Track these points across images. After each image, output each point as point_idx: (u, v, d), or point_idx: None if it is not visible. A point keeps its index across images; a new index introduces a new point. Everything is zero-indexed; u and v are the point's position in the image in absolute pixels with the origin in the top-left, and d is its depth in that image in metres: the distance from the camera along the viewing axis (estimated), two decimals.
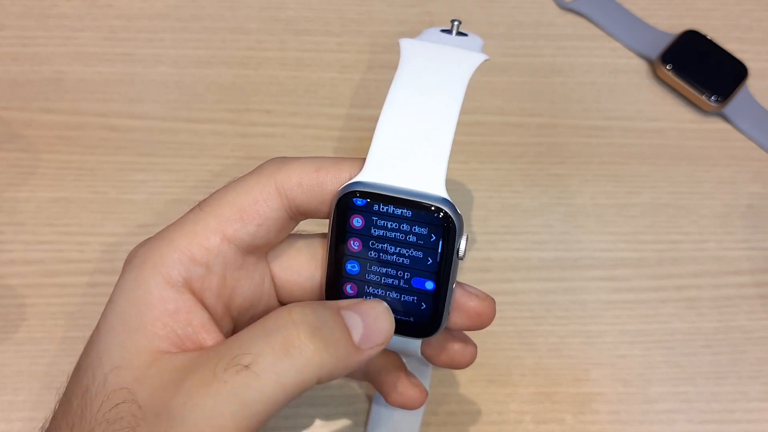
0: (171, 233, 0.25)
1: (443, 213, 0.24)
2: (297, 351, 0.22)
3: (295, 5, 0.47)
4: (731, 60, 0.46)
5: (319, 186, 0.25)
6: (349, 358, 0.23)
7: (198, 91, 0.44)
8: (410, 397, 0.29)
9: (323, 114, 0.43)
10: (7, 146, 0.41)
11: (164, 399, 0.22)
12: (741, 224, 0.42)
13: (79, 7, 0.46)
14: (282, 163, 0.25)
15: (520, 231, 0.41)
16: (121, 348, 0.23)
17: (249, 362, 0.22)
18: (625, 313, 0.39)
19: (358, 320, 0.24)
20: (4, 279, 0.38)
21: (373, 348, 0.24)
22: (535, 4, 0.48)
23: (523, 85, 0.45)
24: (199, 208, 0.25)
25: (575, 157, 0.43)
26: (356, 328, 0.24)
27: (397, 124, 0.25)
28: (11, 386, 0.36)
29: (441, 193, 0.24)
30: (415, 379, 0.29)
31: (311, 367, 0.22)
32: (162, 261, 0.24)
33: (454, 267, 0.24)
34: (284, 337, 0.22)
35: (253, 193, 0.25)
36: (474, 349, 0.28)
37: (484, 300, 0.26)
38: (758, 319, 0.40)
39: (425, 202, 0.24)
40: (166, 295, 0.24)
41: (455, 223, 0.24)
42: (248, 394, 0.21)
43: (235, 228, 0.24)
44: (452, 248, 0.24)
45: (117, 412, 0.22)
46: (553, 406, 0.37)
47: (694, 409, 0.37)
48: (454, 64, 0.26)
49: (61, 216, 0.40)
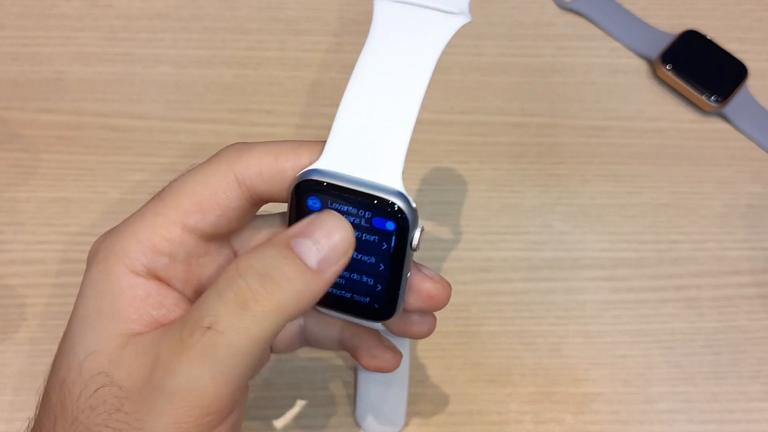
0: (132, 225, 0.25)
1: (396, 207, 0.23)
2: (251, 302, 0.22)
3: (295, 5, 0.47)
4: (731, 60, 0.46)
5: (279, 173, 0.25)
6: (311, 286, 0.23)
7: (198, 91, 0.44)
8: (385, 360, 0.29)
9: (323, 114, 0.43)
10: (7, 146, 0.41)
11: (142, 375, 0.22)
12: (741, 224, 0.42)
13: (79, 7, 0.46)
14: (241, 152, 0.25)
15: (520, 231, 0.41)
16: (95, 335, 0.23)
17: (210, 323, 0.22)
18: (625, 313, 0.39)
19: (309, 244, 0.23)
20: (4, 279, 0.38)
21: (336, 264, 0.23)
22: (535, 4, 0.48)
23: (523, 85, 0.45)
24: (159, 198, 0.25)
25: (575, 157, 0.43)
26: (309, 252, 0.23)
27: (357, 109, 0.24)
28: (11, 386, 0.36)
29: (396, 185, 0.23)
30: (388, 342, 0.30)
31: (272, 312, 0.22)
32: (125, 253, 0.24)
33: (408, 258, 0.24)
34: (235, 292, 0.22)
35: (211, 184, 0.25)
36: (433, 320, 0.28)
37: (438, 282, 0.26)
38: (758, 319, 0.40)
39: (379, 195, 0.23)
40: (134, 282, 0.24)
41: (408, 216, 0.24)
42: (219, 351, 0.22)
43: (195, 219, 0.24)
44: (405, 240, 0.24)
45: (98, 397, 0.22)
46: (553, 406, 0.37)
47: (694, 409, 0.37)
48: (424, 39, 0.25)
49: (61, 216, 0.40)
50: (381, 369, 0.29)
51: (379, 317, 0.26)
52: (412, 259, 0.25)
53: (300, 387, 0.37)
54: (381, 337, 0.30)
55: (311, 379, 0.37)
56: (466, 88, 0.45)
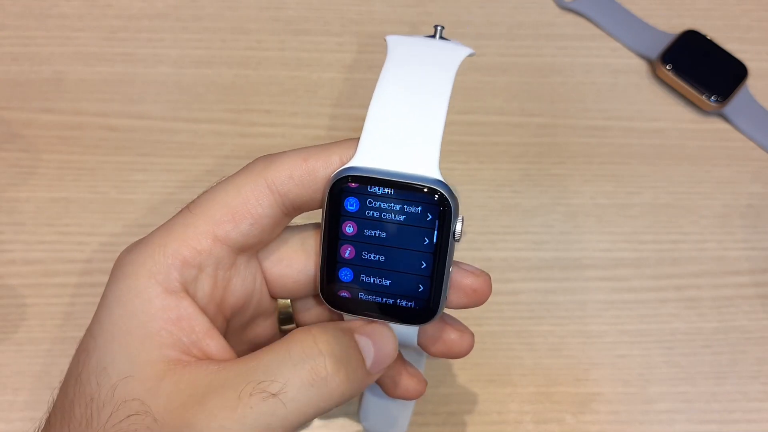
0: (161, 237, 0.24)
1: (439, 194, 0.24)
2: (323, 383, 0.22)
3: (295, 5, 0.47)
4: (731, 60, 0.46)
5: (310, 174, 0.25)
6: (362, 383, 0.24)
7: (198, 91, 0.44)
8: (410, 389, 0.29)
9: (323, 114, 0.43)
10: (7, 146, 0.41)
11: (184, 416, 0.22)
12: (741, 224, 0.42)
13: (79, 7, 0.46)
14: (270, 160, 0.25)
15: (520, 231, 0.41)
16: (129, 358, 0.23)
17: (276, 390, 0.22)
18: (625, 313, 0.39)
19: (370, 345, 0.24)
20: (4, 279, 0.38)
21: (381, 371, 0.25)
22: (535, 4, 0.48)
23: (523, 85, 0.45)
24: (188, 209, 0.25)
25: (575, 157, 0.43)
26: (368, 353, 0.24)
27: (388, 108, 0.25)
28: (11, 386, 0.36)
29: (435, 175, 0.24)
30: (413, 369, 0.29)
31: (335, 397, 0.23)
32: (157, 268, 0.24)
33: (450, 249, 0.24)
34: (311, 367, 0.22)
35: (243, 192, 0.24)
36: (471, 337, 0.28)
37: (479, 276, 0.26)
38: (758, 319, 0.40)
39: (420, 185, 0.24)
40: (166, 303, 0.23)
41: (451, 204, 0.24)
42: (274, 421, 0.22)
43: (226, 229, 0.24)
44: (449, 230, 0.24)
45: (130, 424, 0.22)
46: (553, 406, 0.37)
47: (694, 409, 0.37)
48: (441, 55, 0.26)
49: (61, 216, 0.40)
50: (405, 397, 0.29)
51: (420, 319, 0.25)
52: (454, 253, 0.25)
53: None
54: (404, 363, 0.29)
55: None
56: (466, 88, 0.45)
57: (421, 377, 0.29)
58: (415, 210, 0.24)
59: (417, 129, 0.24)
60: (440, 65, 0.25)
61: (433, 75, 0.25)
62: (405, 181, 0.24)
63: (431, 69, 0.25)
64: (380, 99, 0.25)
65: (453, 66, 0.25)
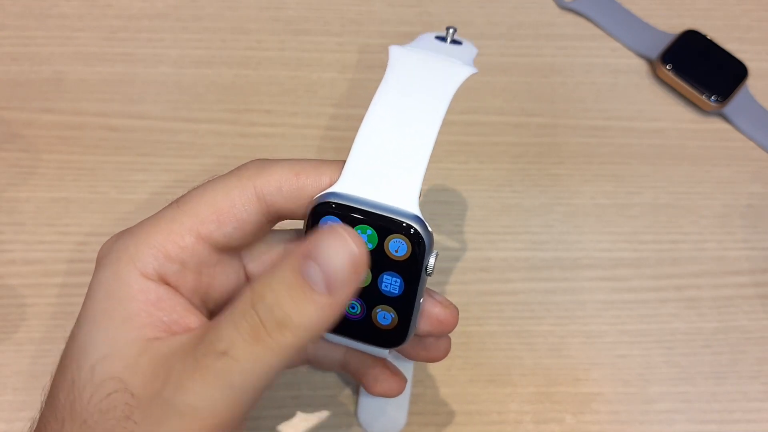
0: (147, 228, 0.25)
1: (414, 230, 0.24)
2: (264, 335, 0.22)
3: (295, 5, 0.47)
4: (731, 60, 0.46)
5: (299, 190, 0.25)
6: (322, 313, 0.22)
7: (198, 91, 0.44)
8: (389, 388, 0.29)
9: (323, 114, 0.43)
10: (7, 146, 0.41)
11: (156, 386, 0.22)
12: (741, 224, 0.42)
13: (79, 7, 0.46)
14: (262, 167, 0.25)
15: (520, 231, 0.41)
16: (108, 338, 0.23)
17: (224, 348, 0.22)
18: (625, 313, 0.39)
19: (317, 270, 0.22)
20: (4, 279, 0.38)
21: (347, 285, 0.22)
22: (535, 4, 0.48)
23: (523, 85, 0.45)
24: (177, 205, 0.25)
25: (575, 157, 0.43)
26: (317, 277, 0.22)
27: (377, 135, 0.25)
28: (11, 386, 0.36)
29: (413, 210, 0.24)
30: (394, 367, 0.30)
31: (285, 346, 0.22)
32: (138, 255, 0.24)
33: (422, 283, 0.25)
34: (249, 323, 0.22)
35: (231, 195, 0.25)
36: (447, 343, 0.29)
37: (447, 307, 0.27)
38: (758, 319, 0.40)
39: (397, 218, 0.24)
40: (145, 286, 0.24)
41: (425, 240, 0.24)
42: (233, 377, 0.22)
43: (210, 229, 0.25)
44: (420, 265, 0.24)
45: (109, 402, 0.22)
46: (553, 406, 0.37)
47: (694, 409, 0.37)
48: (439, 79, 0.26)
49: (61, 216, 0.40)
50: (385, 394, 0.30)
51: (389, 344, 0.26)
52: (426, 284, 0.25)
53: (299, 387, 0.37)
54: (386, 362, 0.30)
55: (310, 379, 0.37)
56: (466, 88, 0.44)
57: (401, 375, 0.30)
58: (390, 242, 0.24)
59: (402, 160, 0.24)
60: (435, 93, 0.26)
61: (426, 103, 0.25)
62: (381, 213, 0.24)
63: (425, 97, 0.25)
64: (370, 123, 0.25)
65: (448, 94, 0.26)
